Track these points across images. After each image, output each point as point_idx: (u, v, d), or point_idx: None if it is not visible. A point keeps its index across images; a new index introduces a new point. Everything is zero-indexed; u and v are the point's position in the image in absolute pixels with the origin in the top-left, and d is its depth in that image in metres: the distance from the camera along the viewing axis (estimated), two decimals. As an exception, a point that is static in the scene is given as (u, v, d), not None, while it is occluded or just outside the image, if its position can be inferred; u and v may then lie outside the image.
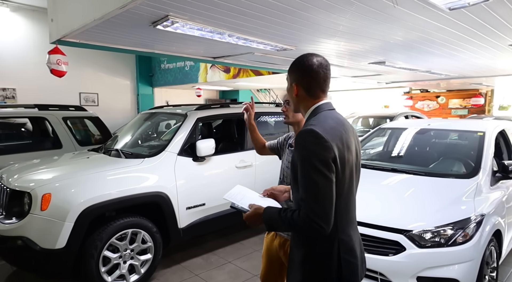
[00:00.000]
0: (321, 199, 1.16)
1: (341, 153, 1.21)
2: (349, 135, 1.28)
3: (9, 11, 7.10)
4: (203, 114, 3.63)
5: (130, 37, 2.83)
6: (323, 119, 1.27)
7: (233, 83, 8.65)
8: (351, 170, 1.26)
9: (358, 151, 1.33)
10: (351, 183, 1.28)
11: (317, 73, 1.29)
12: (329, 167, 1.16)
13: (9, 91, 7.39)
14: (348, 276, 1.25)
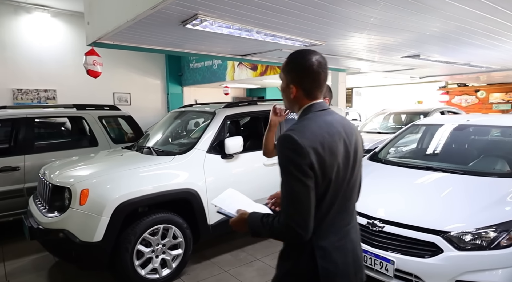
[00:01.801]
0: (298, 206, 1.14)
1: (320, 158, 1.16)
2: (335, 138, 1.21)
3: (50, 16, 7.54)
4: (231, 112, 3.66)
5: (161, 37, 2.89)
6: (306, 123, 1.23)
7: (260, 81, 8.65)
8: (337, 174, 1.21)
9: (350, 154, 1.25)
10: (338, 187, 1.23)
11: (318, 74, 1.24)
12: (305, 173, 1.14)
13: (50, 92, 7.85)
14: (326, 279, 1.20)
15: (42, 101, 7.71)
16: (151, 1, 1.94)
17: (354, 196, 1.33)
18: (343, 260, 1.26)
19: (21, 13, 7.24)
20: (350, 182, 1.28)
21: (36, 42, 7.49)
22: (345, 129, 1.27)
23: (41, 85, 7.65)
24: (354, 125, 1.35)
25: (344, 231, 1.28)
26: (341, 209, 1.27)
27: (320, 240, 1.22)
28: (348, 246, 1.28)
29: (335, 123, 1.25)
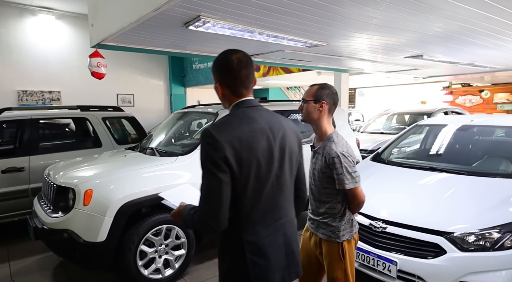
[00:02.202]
0: (209, 198, 1.18)
1: (237, 153, 1.18)
2: (256, 134, 1.24)
3: (54, 19, 7.60)
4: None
5: (164, 38, 2.91)
6: (228, 119, 1.28)
7: (263, 82, 8.66)
8: (258, 169, 1.23)
9: (274, 150, 1.27)
10: (262, 182, 1.25)
11: (239, 72, 1.28)
12: (219, 167, 1.16)
13: (54, 93, 7.91)
14: (255, 273, 1.23)
15: (47, 103, 7.77)
16: (154, 3, 1.96)
17: (287, 192, 1.36)
18: (275, 255, 1.28)
19: (26, 15, 7.31)
20: (279, 177, 1.30)
21: (41, 44, 7.55)
22: (271, 126, 1.29)
23: (46, 86, 7.71)
24: (287, 123, 1.37)
25: (275, 226, 1.31)
26: (270, 204, 1.29)
27: (248, 235, 1.25)
28: (280, 240, 1.31)
29: (260, 120, 1.28)
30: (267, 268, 1.26)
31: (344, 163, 1.64)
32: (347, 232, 1.77)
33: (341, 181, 1.66)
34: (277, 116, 1.38)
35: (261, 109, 1.33)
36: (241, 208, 1.24)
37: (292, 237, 1.37)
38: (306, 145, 1.69)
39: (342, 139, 1.74)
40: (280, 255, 1.31)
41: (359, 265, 2.59)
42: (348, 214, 1.78)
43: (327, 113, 1.74)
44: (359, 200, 1.72)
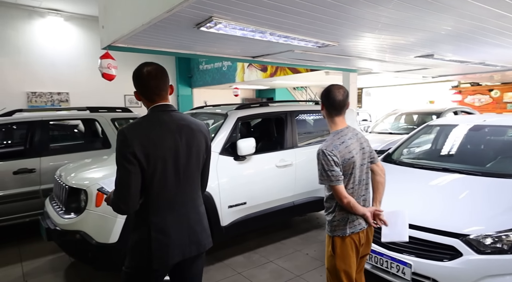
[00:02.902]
0: (119, 186, 1.45)
1: (145, 149, 1.44)
2: (163, 133, 1.50)
3: (63, 20, 7.67)
4: (243, 113, 3.66)
5: (174, 39, 2.91)
6: (140, 120, 1.53)
7: (270, 82, 8.64)
8: (164, 163, 1.48)
9: (179, 147, 1.53)
10: (168, 174, 1.50)
11: (147, 82, 1.53)
12: (128, 160, 1.42)
13: (63, 95, 7.97)
14: (156, 251, 1.49)
15: (56, 104, 7.84)
16: (167, 4, 1.95)
17: (194, 183, 1.62)
18: (177, 235, 1.54)
19: (35, 17, 7.38)
20: (186, 171, 1.56)
21: (50, 46, 7.62)
22: (180, 127, 1.54)
23: (54, 88, 7.78)
24: (196, 126, 1.62)
25: (180, 211, 1.56)
26: (176, 193, 1.55)
27: (154, 217, 1.51)
28: (184, 223, 1.56)
29: (169, 122, 1.53)
30: (168, 244, 1.52)
31: (322, 160, 1.76)
32: (340, 229, 1.84)
33: (319, 176, 1.81)
34: (188, 119, 1.61)
35: (172, 113, 1.57)
36: (149, 194, 1.50)
37: (196, 220, 1.62)
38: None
39: (336, 138, 1.82)
40: (182, 235, 1.56)
41: (371, 267, 2.56)
42: (343, 212, 1.83)
43: (328, 113, 1.88)
44: (337, 198, 1.81)
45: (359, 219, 1.86)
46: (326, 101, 1.86)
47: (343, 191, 1.78)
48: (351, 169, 1.83)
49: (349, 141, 1.84)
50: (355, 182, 1.86)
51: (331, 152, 1.75)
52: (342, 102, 1.85)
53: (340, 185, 1.78)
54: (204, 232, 1.67)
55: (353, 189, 1.85)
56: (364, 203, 1.92)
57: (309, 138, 4.45)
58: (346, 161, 1.79)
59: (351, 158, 1.81)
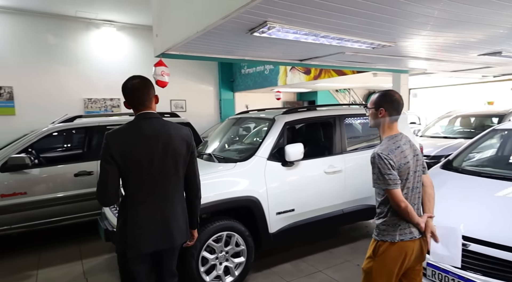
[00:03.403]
0: (100, 182, 1.71)
1: (122, 150, 1.69)
2: (137, 137, 1.72)
3: (116, 30, 8.15)
4: (291, 118, 3.59)
5: (225, 46, 2.93)
6: (125, 126, 1.78)
7: (312, 85, 8.49)
8: (139, 164, 1.71)
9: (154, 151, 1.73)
10: (143, 173, 1.73)
11: (132, 93, 1.79)
12: (106, 160, 1.68)
13: (115, 101, 8.47)
14: (131, 238, 1.73)
15: (108, 109, 8.34)
16: (223, 11, 1.95)
17: (170, 183, 1.80)
18: (150, 227, 1.76)
19: (91, 29, 7.94)
20: (161, 172, 1.76)
21: (103, 54, 8.14)
22: (157, 133, 1.75)
23: (107, 94, 8.29)
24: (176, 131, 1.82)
25: (154, 207, 1.78)
26: (151, 191, 1.76)
27: (130, 210, 1.75)
28: (158, 217, 1.78)
29: (147, 128, 1.75)
30: (141, 235, 1.75)
31: (378, 164, 1.73)
32: (388, 233, 1.79)
33: (374, 180, 1.78)
34: (168, 125, 1.83)
35: (153, 120, 1.80)
36: (127, 190, 1.77)
37: (169, 216, 1.81)
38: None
39: (392, 143, 1.80)
40: (155, 228, 1.77)
41: (435, 285, 2.35)
42: (395, 218, 1.78)
43: (388, 119, 1.83)
44: (394, 203, 1.75)
45: (411, 227, 1.79)
46: (389, 106, 1.84)
47: (400, 195, 1.74)
48: (406, 174, 1.78)
49: (404, 146, 1.81)
50: (409, 188, 1.81)
51: (387, 155, 1.73)
52: (402, 107, 1.87)
53: (397, 189, 1.73)
54: (178, 229, 1.85)
55: (406, 194, 1.79)
56: (417, 211, 1.85)
57: (357, 143, 4.26)
58: (401, 166, 1.76)
59: (407, 162, 1.78)
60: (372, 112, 1.90)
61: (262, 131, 4.50)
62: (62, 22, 7.58)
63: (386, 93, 1.88)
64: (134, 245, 1.74)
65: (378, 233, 1.83)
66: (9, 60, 7.12)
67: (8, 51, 7.10)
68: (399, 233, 1.77)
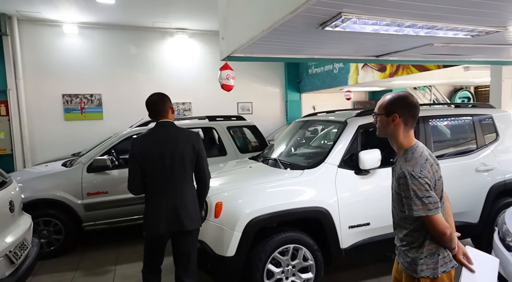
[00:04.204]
0: (128, 176, 2.25)
1: (140, 151, 2.21)
2: (154, 142, 2.22)
3: (187, 37, 8.56)
4: (365, 121, 3.22)
5: (291, 44, 2.73)
6: (147, 131, 2.32)
7: (388, 83, 7.77)
8: (153, 164, 2.20)
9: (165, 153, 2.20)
10: (157, 172, 2.21)
11: (151, 107, 2.29)
12: (131, 159, 2.22)
13: (186, 104, 8.89)
14: (149, 221, 2.25)
15: (181, 113, 8.79)
16: (291, 4, 1.75)
17: (178, 178, 2.23)
18: (164, 214, 2.21)
19: (166, 37, 8.46)
20: (171, 169, 2.20)
21: (176, 61, 8.61)
22: (167, 137, 2.22)
23: (180, 98, 8.74)
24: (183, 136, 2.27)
25: (168, 198, 2.22)
26: (164, 184, 2.22)
27: (150, 199, 2.26)
28: (170, 206, 2.21)
29: (161, 134, 2.24)
30: (157, 219, 2.21)
31: (412, 185, 1.45)
32: (429, 268, 1.52)
33: (408, 206, 1.48)
34: (178, 131, 2.29)
35: (166, 127, 2.28)
36: (148, 183, 2.24)
37: (179, 204, 2.23)
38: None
39: (418, 156, 1.51)
40: (169, 214, 2.21)
41: None
42: (432, 247, 1.52)
43: (403, 126, 1.56)
44: (437, 231, 1.47)
45: (450, 254, 1.54)
46: (407, 111, 1.55)
47: (444, 220, 1.48)
48: (441, 192, 1.53)
49: (429, 156, 1.55)
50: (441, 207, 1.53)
51: (420, 173, 1.45)
52: (419, 113, 1.60)
53: (439, 213, 1.46)
54: (188, 216, 2.25)
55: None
56: None
57: (445, 148, 3.68)
58: (437, 183, 1.50)
59: (440, 178, 1.53)
60: (382, 119, 1.59)
61: (330, 133, 4.18)
62: (142, 33, 8.21)
63: (400, 96, 1.58)
64: (150, 227, 2.24)
65: (417, 269, 1.53)
66: (99, 71, 7.96)
67: (98, 63, 7.95)
68: (440, 264, 1.52)
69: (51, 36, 7.54)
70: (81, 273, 3.67)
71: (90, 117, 7.98)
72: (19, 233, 2.67)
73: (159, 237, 2.28)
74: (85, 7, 6.58)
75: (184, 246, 2.33)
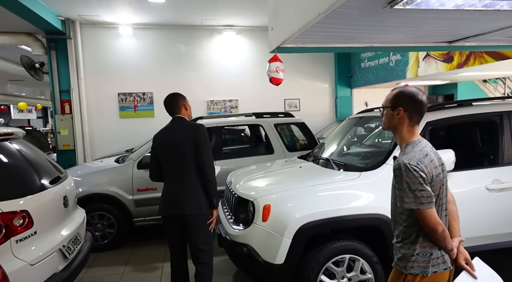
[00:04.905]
0: (149, 165, 2.66)
1: (156, 145, 2.58)
2: (163, 136, 2.57)
3: (235, 34, 8.50)
4: (435, 117, 2.80)
5: (350, 30, 2.43)
6: (165, 126, 2.66)
7: (453, 75, 6.95)
8: (163, 155, 2.54)
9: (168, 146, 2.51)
10: (167, 162, 2.53)
11: (166, 105, 2.64)
12: (152, 151, 2.61)
13: (233, 102, 8.85)
14: (161, 204, 2.60)
15: (227, 110, 8.77)
16: (355, -22, 1.47)
17: (180, 168, 2.50)
18: (168, 197, 2.55)
19: (214, 35, 8.47)
20: (175, 158, 2.50)
21: (224, 58, 8.59)
22: (173, 131, 2.55)
23: (227, 96, 8.72)
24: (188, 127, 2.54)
25: (174, 185, 2.52)
26: (169, 171, 2.54)
27: (165, 184, 2.60)
28: (172, 192, 2.53)
29: (167, 129, 2.60)
30: (162, 202, 2.59)
31: (406, 178, 1.44)
32: (420, 265, 1.49)
33: (401, 198, 1.48)
34: (182, 124, 2.57)
35: (176, 121, 2.59)
36: (163, 172, 2.59)
37: (180, 191, 2.49)
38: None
39: (418, 150, 1.49)
40: (169, 198, 2.54)
41: None
42: (426, 245, 1.50)
43: (407, 121, 1.57)
44: (428, 226, 1.45)
45: (444, 255, 1.50)
46: (412, 106, 1.55)
47: (437, 216, 1.45)
48: (438, 189, 1.51)
49: (431, 153, 1.52)
50: (439, 206, 1.51)
51: (416, 166, 1.43)
52: (426, 109, 1.60)
53: (432, 209, 1.44)
54: (187, 202, 2.46)
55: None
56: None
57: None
58: (434, 179, 1.47)
59: (438, 174, 1.50)
60: (387, 112, 1.60)
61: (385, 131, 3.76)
62: (191, 32, 8.32)
63: (407, 91, 1.58)
64: (160, 208, 2.58)
65: (406, 265, 1.52)
66: (150, 70, 8.23)
67: (150, 62, 8.21)
68: (432, 263, 1.48)
69: (108, 38, 7.94)
70: (131, 268, 3.73)
71: (142, 115, 8.28)
72: (73, 228, 2.73)
73: (165, 219, 2.58)
74: (137, 8, 6.80)
75: (187, 231, 2.50)
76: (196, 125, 2.57)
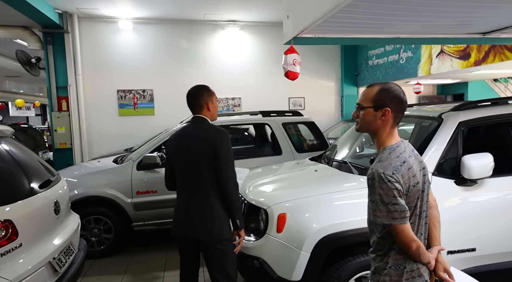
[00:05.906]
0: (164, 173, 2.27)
1: (169, 152, 2.21)
2: (176, 141, 2.15)
3: (238, 30, 8.21)
4: (468, 116, 2.52)
5: (380, 17, 2.14)
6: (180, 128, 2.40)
7: (467, 73, 6.67)
8: (177, 163, 2.13)
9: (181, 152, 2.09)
10: (180, 170, 2.12)
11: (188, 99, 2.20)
12: (167, 159, 2.24)
13: (236, 100, 8.56)
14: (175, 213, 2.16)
15: (230, 109, 8.49)
16: None
17: (193, 179, 2.07)
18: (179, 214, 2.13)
19: (217, 30, 8.18)
20: (189, 169, 2.07)
21: (227, 55, 8.31)
22: (188, 136, 2.11)
23: (229, 93, 8.43)
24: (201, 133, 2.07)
25: (188, 201, 2.10)
26: (185, 186, 2.11)
27: (178, 197, 2.18)
28: (192, 211, 2.06)
29: (183, 131, 2.17)
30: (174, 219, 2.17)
31: (379, 189, 1.28)
32: (392, 279, 1.36)
33: (373, 211, 1.34)
34: (199, 128, 2.11)
35: (195, 123, 2.17)
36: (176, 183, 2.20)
37: (192, 211, 2.07)
38: None
39: (395, 157, 1.32)
40: (184, 218, 2.10)
41: None
42: (399, 257, 1.35)
43: (391, 122, 1.38)
44: (402, 242, 1.31)
45: (420, 268, 1.37)
46: (398, 106, 1.38)
47: (410, 232, 1.31)
48: (415, 200, 1.36)
49: (410, 159, 1.36)
50: (417, 216, 1.38)
51: (391, 176, 1.27)
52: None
53: (406, 224, 1.30)
54: (202, 226, 2.02)
55: (413, 224, 1.36)
56: (424, 242, 1.42)
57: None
58: (411, 190, 1.33)
59: (416, 184, 1.35)
60: (368, 112, 1.39)
61: (415, 131, 3.46)
62: (193, 27, 8.02)
63: (392, 88, 1.38)
64: (173, 226, 2.16)
65: (378, 278, 1.40)
66: (151, 66, 7.94)
67: (150, 58, 7.92)
68: (405, 277, 1.36)
69: (107, 33, 7.65)
70: (129, 277, 3.45)
71: (142, 112, 8.00)
72: (65, 237, 2.45)
73: (177, 238, 2.15)
74: (138, 1, 6.51)
75: (206, 258, 2.09)
76: (215, 131, 2.05)
